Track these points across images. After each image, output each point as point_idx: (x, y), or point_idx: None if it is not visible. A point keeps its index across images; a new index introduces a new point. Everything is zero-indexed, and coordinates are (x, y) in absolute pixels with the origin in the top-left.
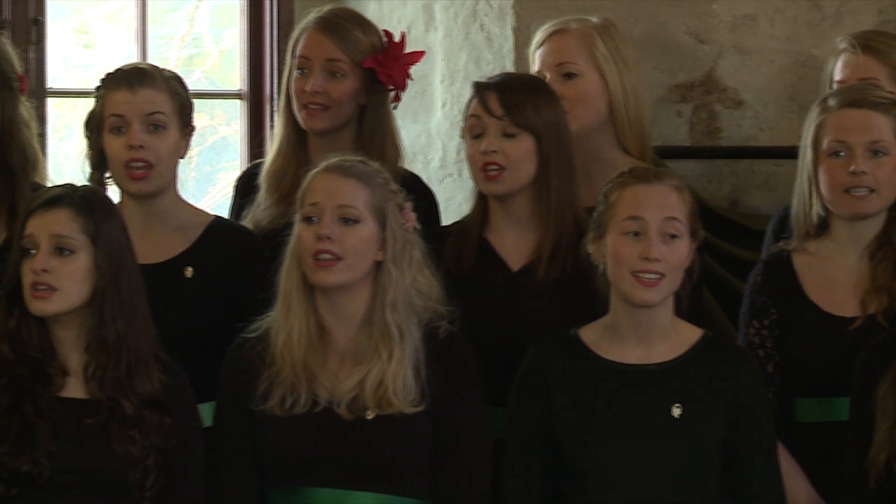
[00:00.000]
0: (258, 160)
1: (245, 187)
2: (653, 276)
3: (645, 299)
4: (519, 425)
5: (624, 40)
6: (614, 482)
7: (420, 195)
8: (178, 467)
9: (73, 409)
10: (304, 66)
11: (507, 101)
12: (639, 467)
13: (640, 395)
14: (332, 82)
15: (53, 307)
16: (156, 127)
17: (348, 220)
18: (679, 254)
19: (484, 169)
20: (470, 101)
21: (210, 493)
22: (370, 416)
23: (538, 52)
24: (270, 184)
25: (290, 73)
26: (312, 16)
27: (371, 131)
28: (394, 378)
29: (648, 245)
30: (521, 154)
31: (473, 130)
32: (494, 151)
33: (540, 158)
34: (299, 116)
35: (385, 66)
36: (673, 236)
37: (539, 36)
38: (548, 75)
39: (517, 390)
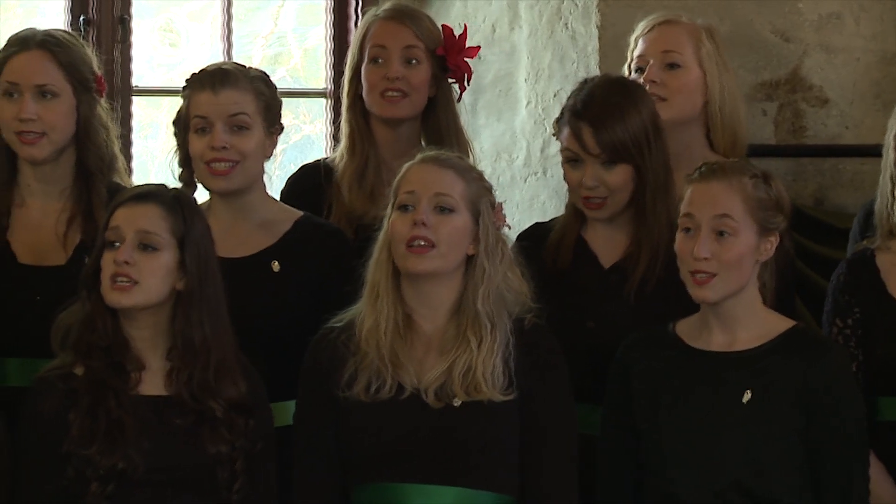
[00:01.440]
0: (307, 163)
1: (300, 187)
2: (703, 274)
3: (699, 297)
4: (610, 420)
5: (723, 46)
6: (687, 467)
7: None
8: (258, 470)
9: (157, 407)
10: (378, 56)
11: (602, 138)
12: (711, 452)
13: (714, 380)
14: (410, 69)
15: (131, 300)
16: (238, 128)
17: (444, 209)
18: (733, 251)
19: (587, 199)
20: (560, 124)
21: (291, 486)
22: (458, 402)
23: (643, 39)
24: (352, 183)
25: (355, 68)
26: (381, 8)
27: (440, 123)
28: (483, 366)
29: (697, 243)
30: (621, 182)
31: (569, 159)
32: (596, 186)
33: (638, 181)
34: (375, 106)
35: (451, 55)
36: (724, 233)
37: (646, 24)
38: (651, 61)
39: (608, 385)
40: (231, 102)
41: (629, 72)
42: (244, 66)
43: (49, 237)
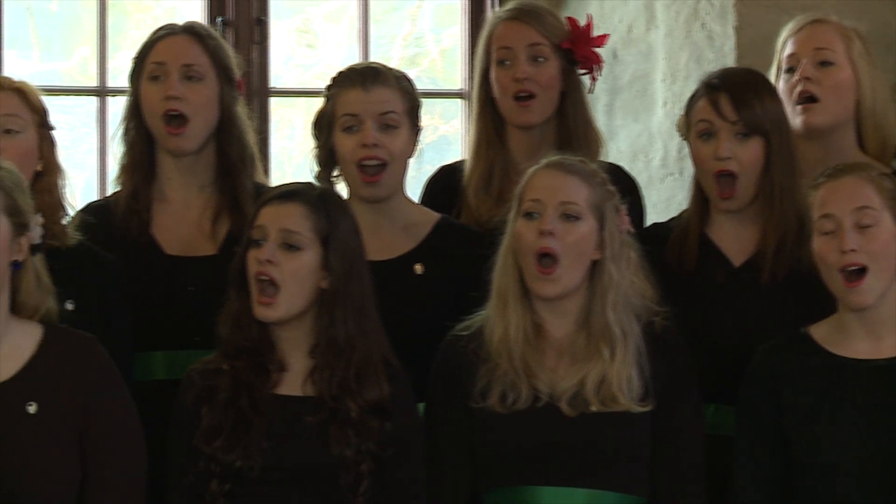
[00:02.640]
0: (445, 164)
1: (436, 190)
2: (853, 270)
3: (856, 303)
4: (748, 424)
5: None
6: (846, 476)
7: (625, 186)
8: (398, 475)
9: (290, 407)
10: (505, 58)
11: (739, 102)
12: (870, 461)
13: (870, 390)
14: (537, 68)
15: (275, 314)
16: (388, 126)
17: (570, 217)
18: (879, 240)
19: (718, 176)
20: (694, 101)
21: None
22: (593, 409)
23: (793, 39)
24: (480, 186)
25: (483, 71)
26: (502, 9)
27: (573, 119)
28: (618, 376)
29: (841, 239)
30: (753, 158)
31: (704, 132)
32: (729, 158)
33: (767, 160)
34: (509, 111)
35: (579, 47)
36: (867, 226)
37: (795, 24)
38: (803, 60)
39: (746, 389)
40: (382, 100)
41: (777, 73)
42: (388, 66)
43: (194, 230)
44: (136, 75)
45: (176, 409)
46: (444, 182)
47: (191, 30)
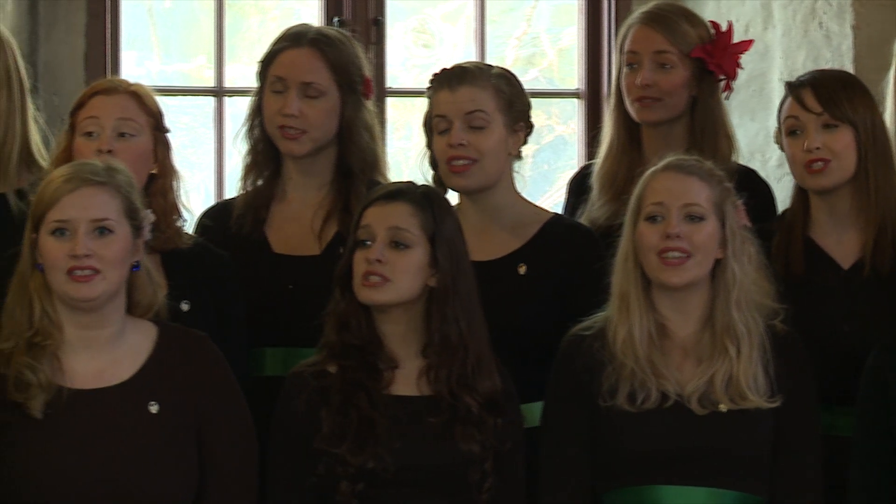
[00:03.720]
0: (591, 161)
1: (578, 188)
2: None
3: None
4: (864, 426)
5: None
6: None
7: (756, 189)
8: (507, 471)
9: (409, 406)
10: (632, 62)
11: (822, 95)
12: None
13: None
14: (662, 74)
15: (383, 297)
16: (476, 126)
17: (694, 218)
18: None
19: (809, 165)
20: (783, 103)
21: (537, 489)
22: (723, 409)
23: None
24: (603, 183)
25: (619, 70)
26: (638, 11)
27: (703, 123)
28: (745, 374)
29: None
30: (843, 146)
31: (792, 129)
32: (818, 148)
33: (859, 151)
34: (632, 110)
35: (714, 55)
36: None
37: None
38: None
39: (862, 392)
40: (467, 100)
41: None
42: (487, 64)
43: (305, 229)
44: (261, 78)
45: (283, 412)
46: (582, 181)
47: (316, 42)
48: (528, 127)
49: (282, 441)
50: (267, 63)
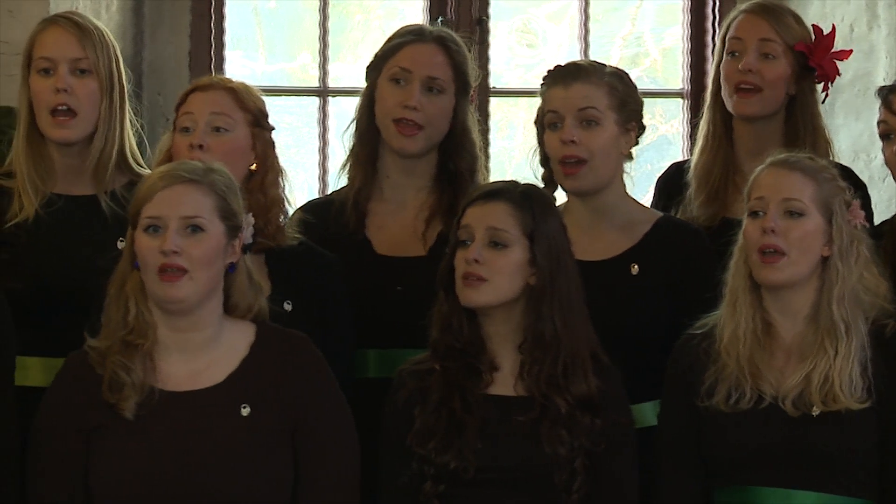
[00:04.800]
0: (678, 161)
1: (666, 187)
2: None
3: None
4: None
5: None
6: None
7: (853, 188)
8: (611, 470)
9: (502, 407)
10: (736, 49)
11: None
12: None
13: None
14: (765, 63)
15: (482, 298)
16: (588, 122)
17: (793, 214)
18: None
19: None
20: (878, 116)
21: (652, 488)
22: (815, 412)
23: None
24: (699, 181)
25: (718, 61)
26: (744, 4)
27: (801, 121)
28: (840, 374)
29: None
30: None
31: (885, 134)
32: None
33: None
34: (730, 101)
35: (815, 54)
36: None
37: None
38: None
39: None
40: (581, 96)
41: None
42: (601, 63)
43: (407, 230)
44: (375, 70)
45: (388, 410)
46: (674, 179)
47: (441, 40)
48: (640, 127)
49: (386, 439)
50: (387, 55)
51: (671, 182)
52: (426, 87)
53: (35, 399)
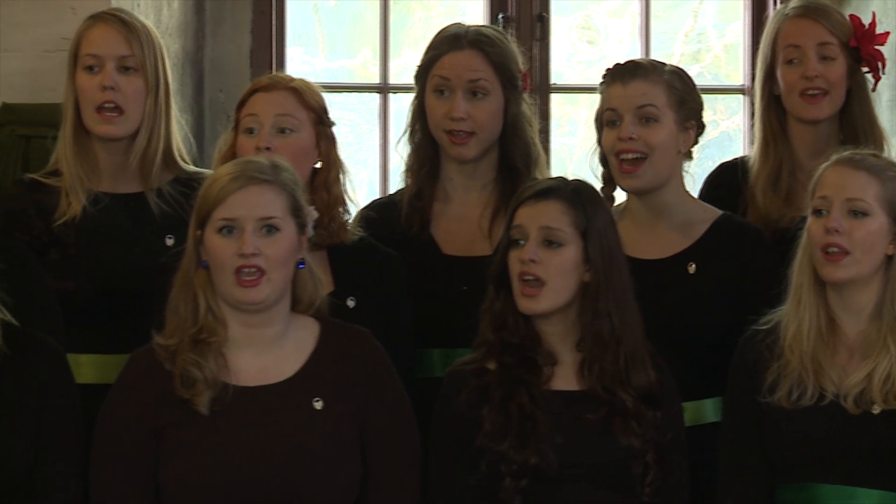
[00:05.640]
0: (727, 160)
1: (715, 186)
2: None
3: None
4: None
5: None
6: None
7: None
8: (670, 464)
9: (569, 402)
10: (793, 57)
11: None
12: None
13: None
14: (826, 66)
15: (542, 306)
16: (647, 119)
17: (857, 213)
18: None
19: None
20: None
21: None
22: (876, 410)
23: None
24: (766, 184)
25: (768, 68)
26: (788, 7)
27: (858, 115)
28: None
29: None
30: None
31: None
32: None
33: None
34: (798, 107)
35: (864, 47)
36: None
37: None
38: None
39: None
40: (639, 93)
41: None
42: (660, 61)
43: (472, 229)
44: (420, 81)
45: (443, 411)
46: (725, 178)
47: (477, 42)
48: (700, 126)
49: (442, 440)
50: (427, 66)
51: (721, 181)
52: (470, 93)
53: (88, 396)
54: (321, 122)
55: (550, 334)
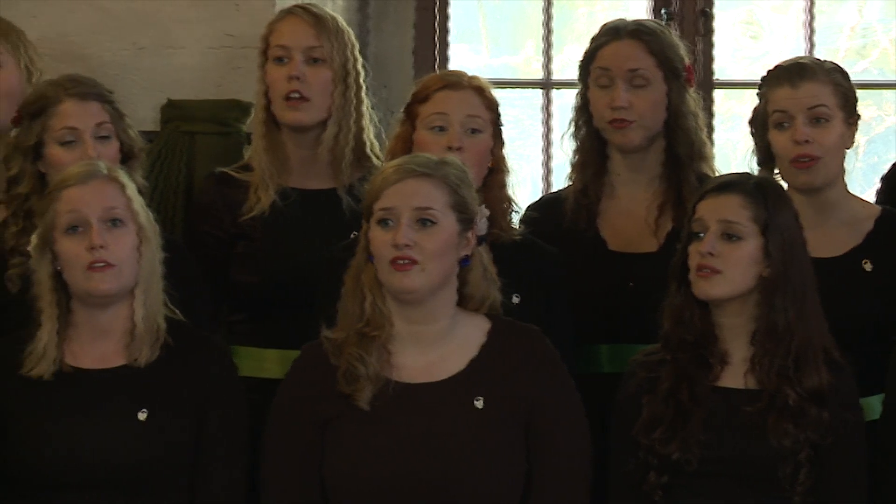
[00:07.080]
0: None
1: (891, 183)
2: None
3: None
4: None
5: None
6: None
7: None
8: (839, 467)
9: (729, 399)
10: None
11: None
12: None
13: None
14: None
15: (716, 291)
16: (818, 120)
17: None
18: None
19: None
20: None
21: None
22: None
23: None
24: None
25: None
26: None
27: None
28: None
29: None
30: None
31: None
32: None
33: None
34: None
35: None
36: None
37: None
38: None
39: None
40: (811, 95)
41: None
42: (820, 60)
43: (639, 225)
44: (583, 76)
45: (619, 399)
46: None
47: (636, 33)
48: (858, 119)
49: (615, 427)
50: (588, 60)
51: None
52: (630, 83)
53: (273, 391)
54: (497, 122)
55: (726, 327)
